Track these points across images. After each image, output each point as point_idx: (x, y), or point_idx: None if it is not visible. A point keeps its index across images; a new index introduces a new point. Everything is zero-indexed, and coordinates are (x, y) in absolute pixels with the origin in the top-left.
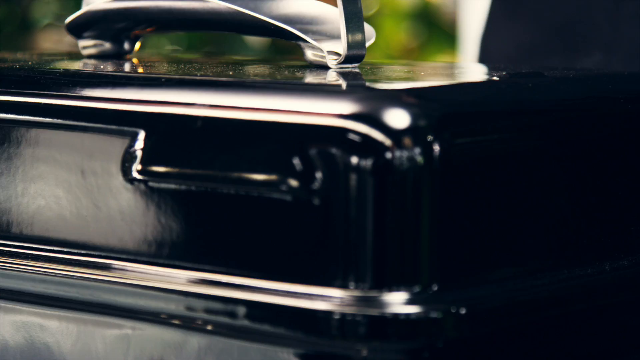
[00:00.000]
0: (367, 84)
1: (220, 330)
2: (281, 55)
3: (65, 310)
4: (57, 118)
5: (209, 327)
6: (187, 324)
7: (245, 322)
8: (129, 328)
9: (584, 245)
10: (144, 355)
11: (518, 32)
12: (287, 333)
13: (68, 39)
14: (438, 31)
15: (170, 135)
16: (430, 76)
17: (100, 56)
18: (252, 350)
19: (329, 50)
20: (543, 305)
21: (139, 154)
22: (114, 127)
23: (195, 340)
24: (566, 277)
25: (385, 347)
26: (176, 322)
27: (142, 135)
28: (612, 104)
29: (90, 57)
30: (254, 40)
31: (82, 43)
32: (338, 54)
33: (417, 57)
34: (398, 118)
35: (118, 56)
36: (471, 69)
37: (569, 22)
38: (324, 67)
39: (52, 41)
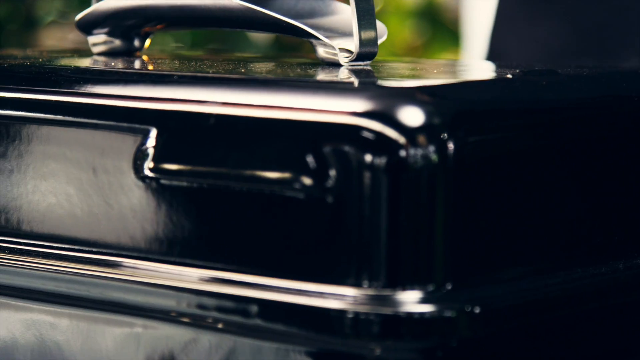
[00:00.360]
0: (381, 81)
1: (232, 329)
2: (285, 52)
3: (76, 308)
4: (69, 115)
5: (221, 326)
6: (199, 322)
7: (258, 321)
8: (140, 326)
9: (598, 244)
10: (154, 354)
11: (543, 35)
12: (299, 332)
13: (72, 36)
14: (442, 29)
15: (183, 133)
16: (443, 74)
17: (110, 53)
18: (264, 348)
19: (340, 47)
20: (557, 305)
21: (151, 151)
22: (125, 124)
23: (206, 339)
24: (580, 276)
25: (399, 346)
26: (187, 320)
27: (154, 132)
28: (627, 102)
29: (100, 54)
30: (258, 38)
31: (92, 40)
32: (350, 52)
33: (422, 55)
34: (412, 116)
35: (128, 53)
36: (484, 67)
37: (603, 25)
38: (336, 65)
39: (55, 39)
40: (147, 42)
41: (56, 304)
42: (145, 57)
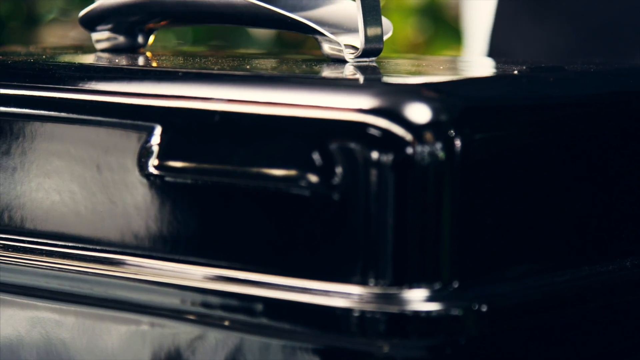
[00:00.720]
0: (387, 78)
1: (238, 327)
2: (287, 48)
3: (81, 305)
4: (73, 112)
5: (227, 324)
6: (204, 320)
7: (263, 320)
8: (144, 324)
9: (605, 242)
10: (161, 352)
11: (550, 35)
12: (305, 330)
13: (73, 34)
14: (445, 26)
15: (188, 130)
16: (449, 70)
17: (114, 50)
18: (271, 346)
19: (346, 44)
20: (564, 302)
21: (155, 148)
22: (130, 121)
23: (212, 336)
24: (587, 274)
25: (406, 344)
26: (192, 318)
27: (158, 130)
28: (636, 99)
29: (103, 50)
30: (260, 34)
31: (96, 36)
32: (355, 48)
33: (424, 52)
34: (419, 112)
35: (132, 50)
36: (490, 64)
37: (612, 24)
38: (341, 61)
39: (57, 36)
40: (151, 39)
41: (61, 302)
42: (149, 54)
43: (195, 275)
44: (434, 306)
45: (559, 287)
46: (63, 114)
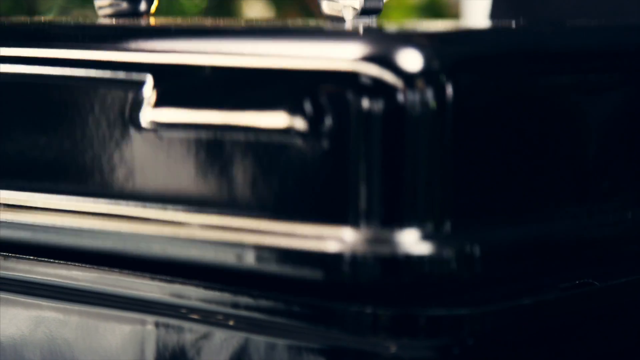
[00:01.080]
0: (379, 28)
1: (242, 326)
2: None
3: (83, 305)
4: (65, 67)
5: (231, 323)
6: (208, 319)
7: (255, 265)
8: (148, 324)
9: (603, 190)
10: (165, 351)
11: None
12: (295, 274)
13: None
14: None
15: (180, 83)
16: (445, 25)
17: (116, 15)
18: (277, 346)
19: (345, 3)
20: (558, 247)
21: (147, 102)
22: (122, 76)
23: (217, 334)
24: (586, 224)
25: (397, 285)
26: (184, 262)
27: (151, 84)
28: (633, 52)
29: (106, 17)
30: (258, 14)
31: (98, 3)
32: (355, 8)
33: None
34: (410, 60)
35: (134, 16)
36: (489, 23)
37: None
38: (340, 20)
39: None
40: (154, 5)
41: (63, 301)
42: (146, 17)
43: (190, 224)
44: (425, 248)
45: (554, 234)
46: (56, 71)
